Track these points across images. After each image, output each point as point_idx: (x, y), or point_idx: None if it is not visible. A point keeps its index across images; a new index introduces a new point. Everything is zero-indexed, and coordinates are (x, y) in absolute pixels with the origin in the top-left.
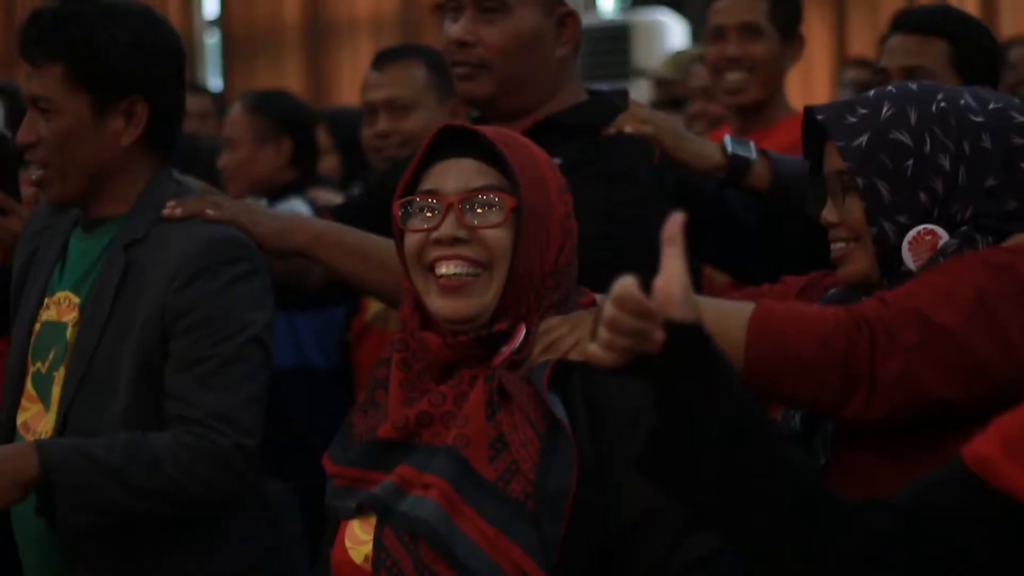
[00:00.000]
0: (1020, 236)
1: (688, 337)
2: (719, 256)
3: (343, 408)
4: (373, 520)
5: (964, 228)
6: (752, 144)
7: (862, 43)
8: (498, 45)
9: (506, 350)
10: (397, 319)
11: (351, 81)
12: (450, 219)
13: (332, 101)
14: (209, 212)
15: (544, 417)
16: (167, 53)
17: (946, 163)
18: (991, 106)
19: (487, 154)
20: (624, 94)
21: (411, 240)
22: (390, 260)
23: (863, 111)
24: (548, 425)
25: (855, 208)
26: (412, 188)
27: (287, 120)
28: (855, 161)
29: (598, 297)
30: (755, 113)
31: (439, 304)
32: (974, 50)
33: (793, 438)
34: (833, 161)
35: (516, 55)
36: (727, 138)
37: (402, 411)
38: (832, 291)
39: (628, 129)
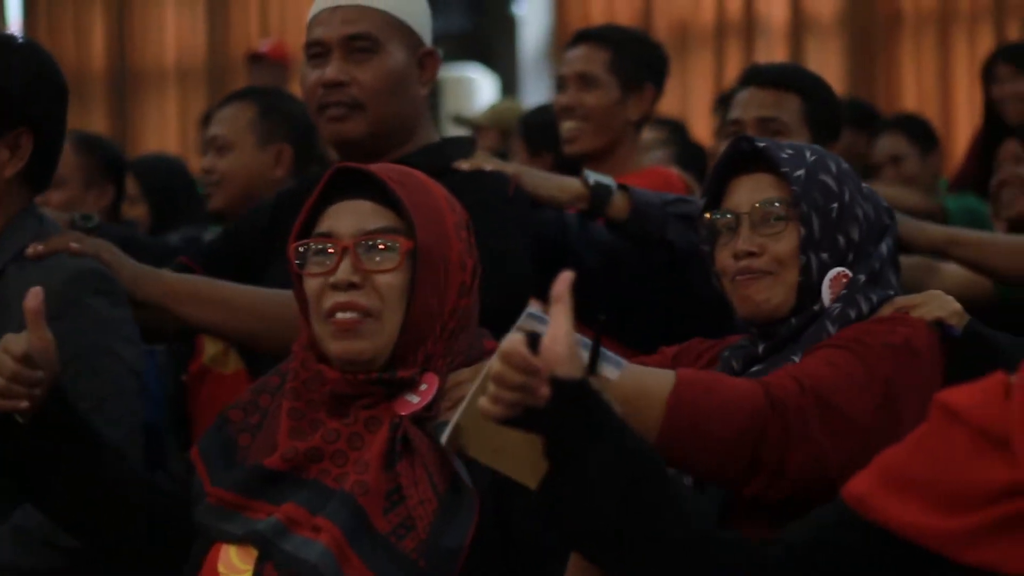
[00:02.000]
0: (895, 301)
1: (573, 394)
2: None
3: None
4: (253, 552)
5: (845, 292)
6: (611, 177)
7: (670, 104)
8: (373, 84)
9: (418, 404)
10: (234, 360)
11: (157, 129)
12: (345, 263)
13: (137, 149)
14: (73, 245)
15: (447, 478)
16: (58, 90)
17: (860, 215)
18: (863, 182)
19: (382, 195)
20: (472, 140)
21: (310, 285)
22: (259, 306)
23: (790, 151)
24: (450, 487)
25: (788, 237)
26: (307, 230)
27: (113, 164)
28: (801, 187)
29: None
30: (596, 163)
31: (335, 347)
32: (824, 107)
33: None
34: (759, 191)
35: (389, 94)
36: (587, 171)
37: (291, 443)
38: (727, 352)
39: (488, 167)
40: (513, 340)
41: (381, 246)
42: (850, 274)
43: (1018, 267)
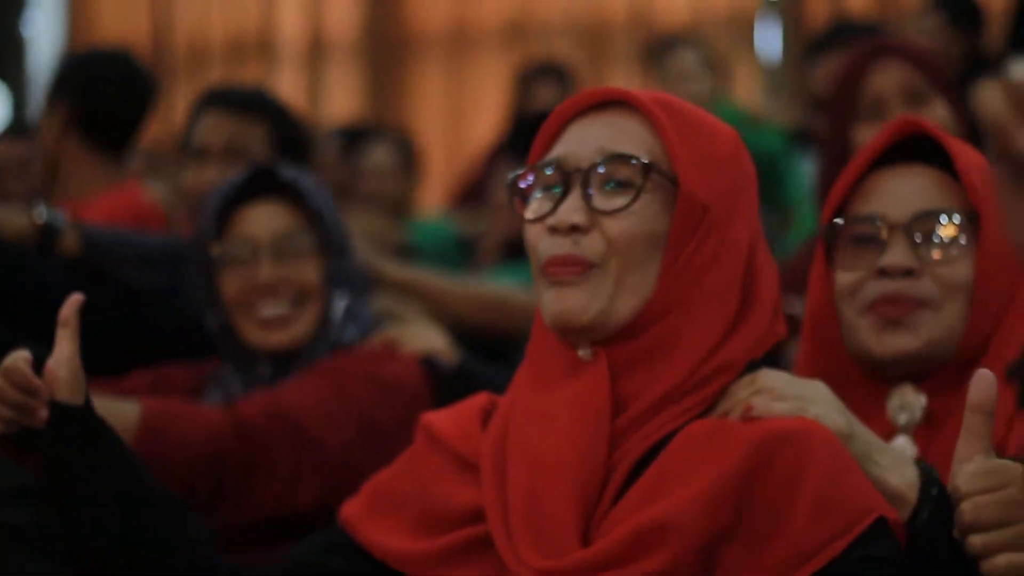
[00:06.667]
0: (385, 333)
1: (73, 419)
2: (27, 328)
3: None
4: None
5: (340, 318)
6: (64, 212)
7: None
8: None
9: None
10: None
11: None
12: None
13: None
14: None
15: None
16: None
17: (348, 239)
18: None
19: None
20: None
21: None
22: None
23: (297, 176)
24: None
25: (311, 269)
26: None
27: None
28: (320, 223)
29: None
30: (53, 189)
31: None
32: (291, 134)
33: None
34: (277, 219)
35: None
36: (40, 206)
37: None
38: (227, 374)
39: None
40: (16, 357)
41: None
42: (347, 301)
43: (475, 315)
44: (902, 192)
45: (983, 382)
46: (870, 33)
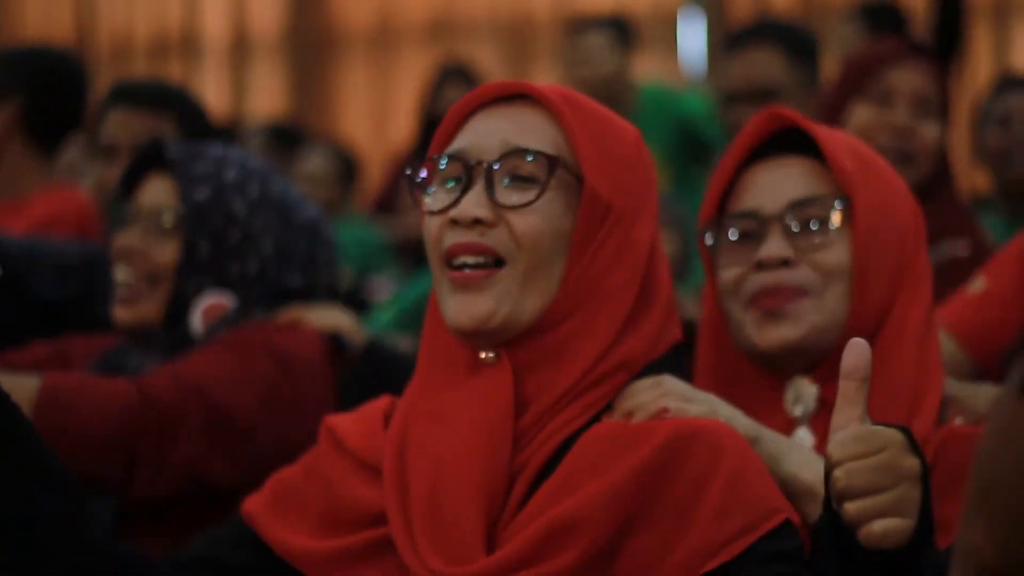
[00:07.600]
0: (291, 311)
1: None
2: None
3: None
4: None
5: (245, 302)
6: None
7: None
8: None
9: None
10: None
11: None
12: None
13: None
14: None
15: None
16: None
17: (268, 247)
18: (309, 211)
19: None
20: None
21: None
22: None
23: (208, 168)
24: None
25: (167, 251)
26: None
27: None
28: (190, 212)
29: None
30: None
31: None
32: (201, 128)
33: None
34: (160, 196)
35: None
36: None
37: None
38: (105, 357)
39: None
40: None
41: None
42: (227, 304)
43: None
44: (775, 184)
45: (856, 349)
46: (792, 30)
